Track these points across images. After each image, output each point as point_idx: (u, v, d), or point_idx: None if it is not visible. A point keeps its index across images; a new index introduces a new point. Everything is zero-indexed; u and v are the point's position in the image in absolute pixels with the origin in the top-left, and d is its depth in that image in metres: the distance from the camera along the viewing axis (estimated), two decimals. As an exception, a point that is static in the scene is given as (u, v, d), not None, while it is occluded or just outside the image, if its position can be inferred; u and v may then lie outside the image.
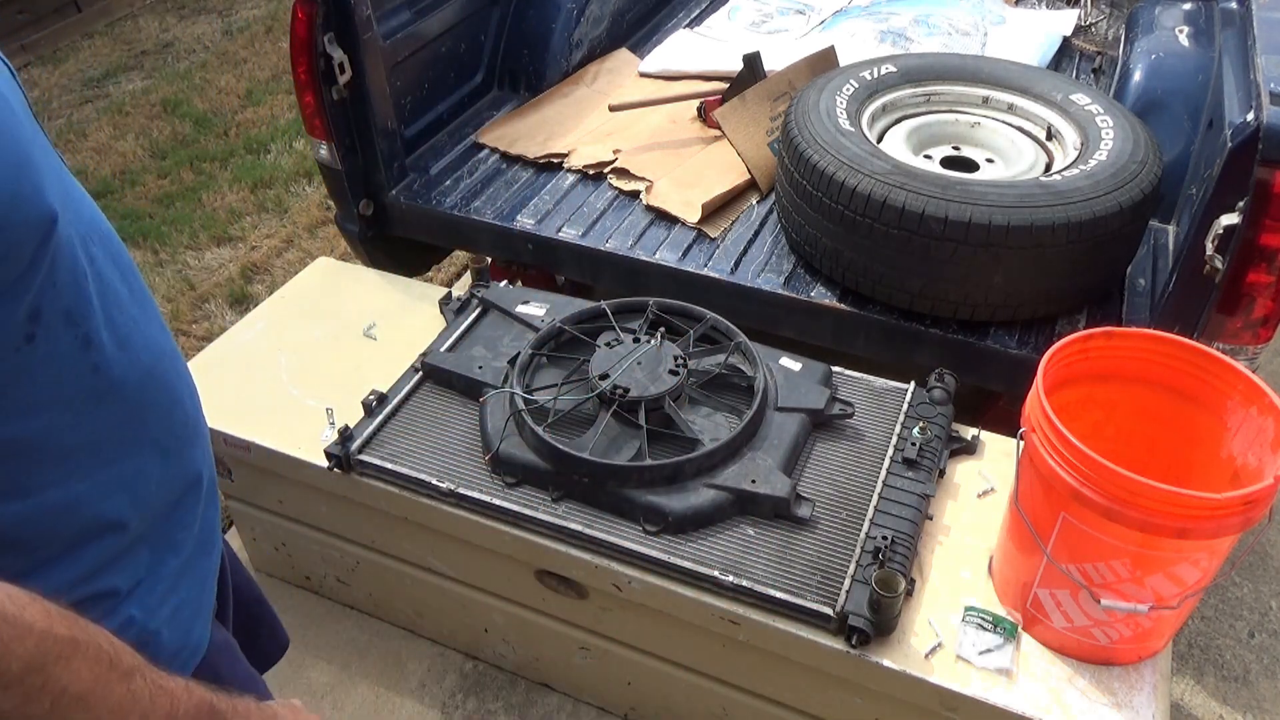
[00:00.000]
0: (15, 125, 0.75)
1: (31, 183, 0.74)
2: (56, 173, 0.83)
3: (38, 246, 0.75)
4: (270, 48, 5.12)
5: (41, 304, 0.77)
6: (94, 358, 0.85)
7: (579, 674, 1.98)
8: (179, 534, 1.03)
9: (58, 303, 0.79)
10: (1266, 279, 1.64)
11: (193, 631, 1.04)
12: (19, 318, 0.75)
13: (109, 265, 0.90)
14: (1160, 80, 2.30)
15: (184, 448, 1.03)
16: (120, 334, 0.89)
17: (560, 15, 2.90)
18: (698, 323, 1.94)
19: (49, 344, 0.79)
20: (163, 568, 1.00)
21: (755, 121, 2.47)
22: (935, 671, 1.49)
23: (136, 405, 0.92)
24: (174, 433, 1.00)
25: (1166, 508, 1.24)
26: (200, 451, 1.07)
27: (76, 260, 0.81)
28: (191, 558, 1.05)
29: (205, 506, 1.07)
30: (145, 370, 0.93)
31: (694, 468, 1.65)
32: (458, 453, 1.79)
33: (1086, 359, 1.50)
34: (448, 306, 2.15)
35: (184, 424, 1.02)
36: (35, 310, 0.77)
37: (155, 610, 0.97)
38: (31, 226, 0.74)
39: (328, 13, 2.20)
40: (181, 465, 1.02)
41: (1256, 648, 2.20)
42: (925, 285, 1.99)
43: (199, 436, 1.07)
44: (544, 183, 2.56)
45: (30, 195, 0.73)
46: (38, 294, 0.76)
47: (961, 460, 1.83)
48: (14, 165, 0.72)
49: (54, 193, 0.78)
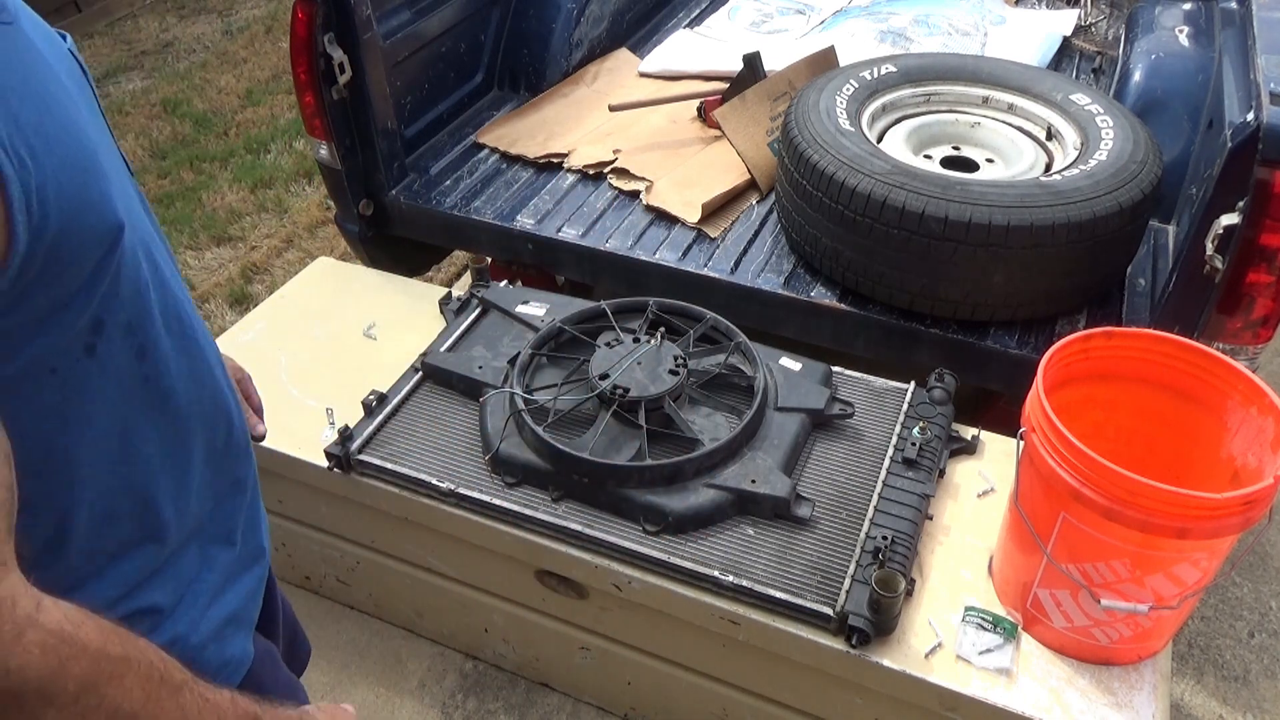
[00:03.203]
0: (83, 130, 0.73)
1: (99, 190, 0.72)
2: (121, 177, 0.81)
3: (103, 256, 0.73)
4: (270, 48, 5.12)
5: (104, 315, 0.76)
6: (147, 369, 0.83)
7: (579, 674, 1.98)
8: (221, 546, 1.01)
9: (119, 314, 0.78)
10: (1266, 279, 1.64)
11: (236, 645, 1.02)
12: (80, 329, 0.74)
13: (168, 271, 0.88)
14: (1160, 80, 2.30)
15: (229, 459, 1.01)
16: (174, 342, 0.87)
17: (560, 15, 2.90)
18: (698, 323, 1.94)
19: (107, 355, 0.77)
20: (204, 581, 0.98)
21: (755, 121, 2.47)
22: (935, 671, 1.49)
23: (184, 416, 0.91)
24: (218, 444, 0.98)
25: (1166, 508, 1.24)
26: (245, 462, 1.05)
27: (139, 269, 0.79)
28: (235, 570, 1.03)
29: (249, 516, 1.05)
30: (195, 379, 0.92)
31: (694, 468, 1.65)
32: (458, 453, 1.79)
33: (1086, 359, 1.50)
34: (448, 306, 2.15)
35: (229, 435, 1.00)
36: (97, 322, 0.75)
37: (198, 624, 0.95)
38: (98, 236, 0.72)
39: (328, 13, 2.20)
40: (225, 476, 1.00)
41: (1256, 648, 2.20)
42: (925, 285, 1.99)
43: (244, 447, 1.05)
44: (544, 183, 2.56)
45: (98, 203, 0.71)
46: (100, 305, 0.75)
47: (961, 460, 1.82)
48: (82, 171, 0.70)
49: (120, 200, 0.75)
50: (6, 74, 0.66)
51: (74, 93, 0.76)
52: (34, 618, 0.63)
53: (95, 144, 0.74)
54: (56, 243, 0.67)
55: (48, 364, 0.72)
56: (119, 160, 0.84)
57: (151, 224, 0.90)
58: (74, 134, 0.70)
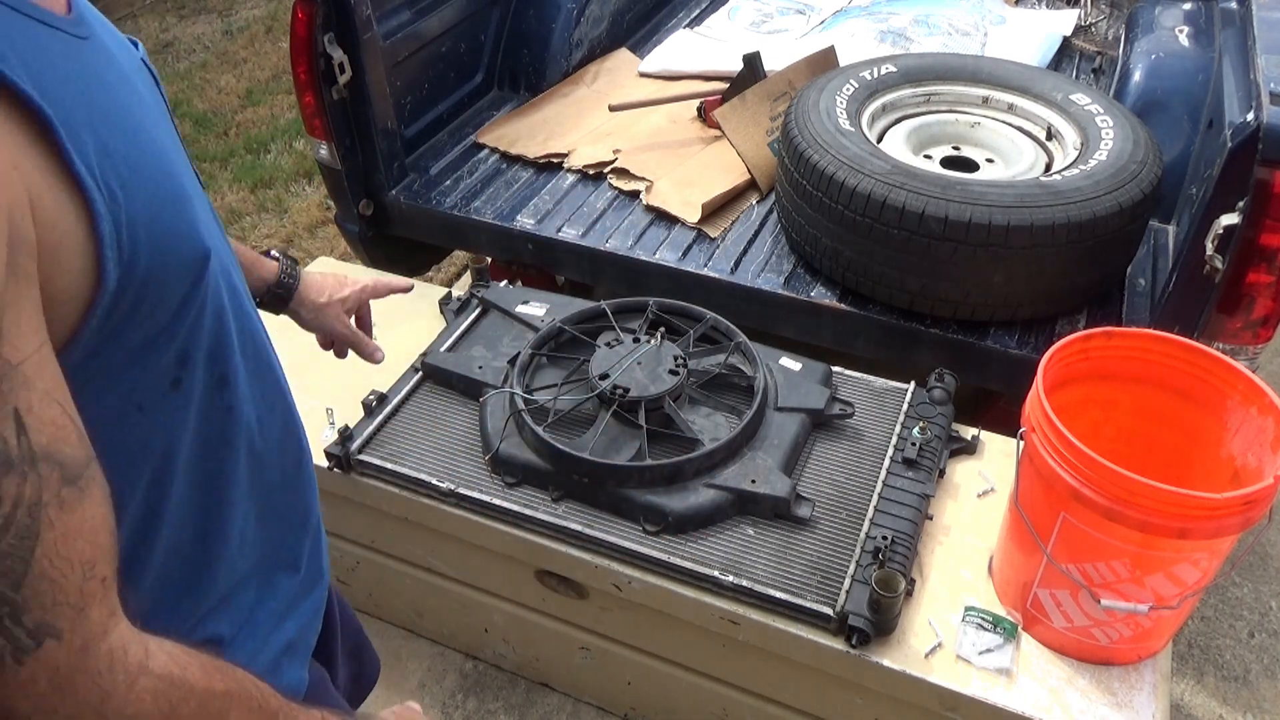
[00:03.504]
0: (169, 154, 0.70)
1: (188, 218, 0.70)
2: (201, 199, 0.78)
3: (190, 287, 0.71)
4: (270, 48, 5.12)
5: (190, 348, 0.74)
6: (229, 398, 0.82)
7: (579, 674, 1.98)
8: (285, 573, 1.00)
9: (203, 344, 0.76)
10: (1266, 279, 1.64)
11: (293, 673, 1.01)
12: (166, 364, 0.72)
13: (243, 292, 0.86)
14: (1160, 80, 2.30)
15: (299, 484, 1.00)
16: (250, 367, 0.86)
17: (560, 15, 2.90)
18: (698, 323, 1.93)
19: (191, 389, 0.76)
20: (266, 609, 0.97)
21: (755, 121, 2.47)
22: (935, 671, 1.49)
23: (260, 445, 0.89)
24: (289, 470, 0.97)
25: (1166, 508, 1.24)
26: (310, 488, 1.04)
27: (221, 295, 0.78)
28: (296, 596, 1.02)
29: (312, 543, 1.04)
30: (269, 405, 0.90)
31: (694, 468, 1.65)
32: (458, 453, 1.79)
33: (1086, 359, 1.50)
34: (448, 306, 2.15)
35: (299, 460, 0.99)
36: (184, 355, 0.73)
37: (258, 655, 0.94)
38: (187, 267, 0.70)
39: (328, 13, 2.20)
40: (297, 503, 1.00)
41: (1256, 648, 2.20)
42: (925, 285, 1.99)
43: (309, 473, 1.03)
44: (544, 183, 2.56)
45: (187, 233, 0.69)
46: (187, 338, 0.73)
47: (961, 460, 1.82)
48: (172, 200, 0.68)
49: (206, 227, 0.73)
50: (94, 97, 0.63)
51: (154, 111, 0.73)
52: (145, 664, 0.63)
53: (180, 167, 0.72)
54: (147, 278, 0.65)
55: (135, 400, 0.71)
56: (195, 179, 0.81)
57: (225, 243, 0.86)
58: (161, 159, 0.68)
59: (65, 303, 0.60)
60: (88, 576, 0.61)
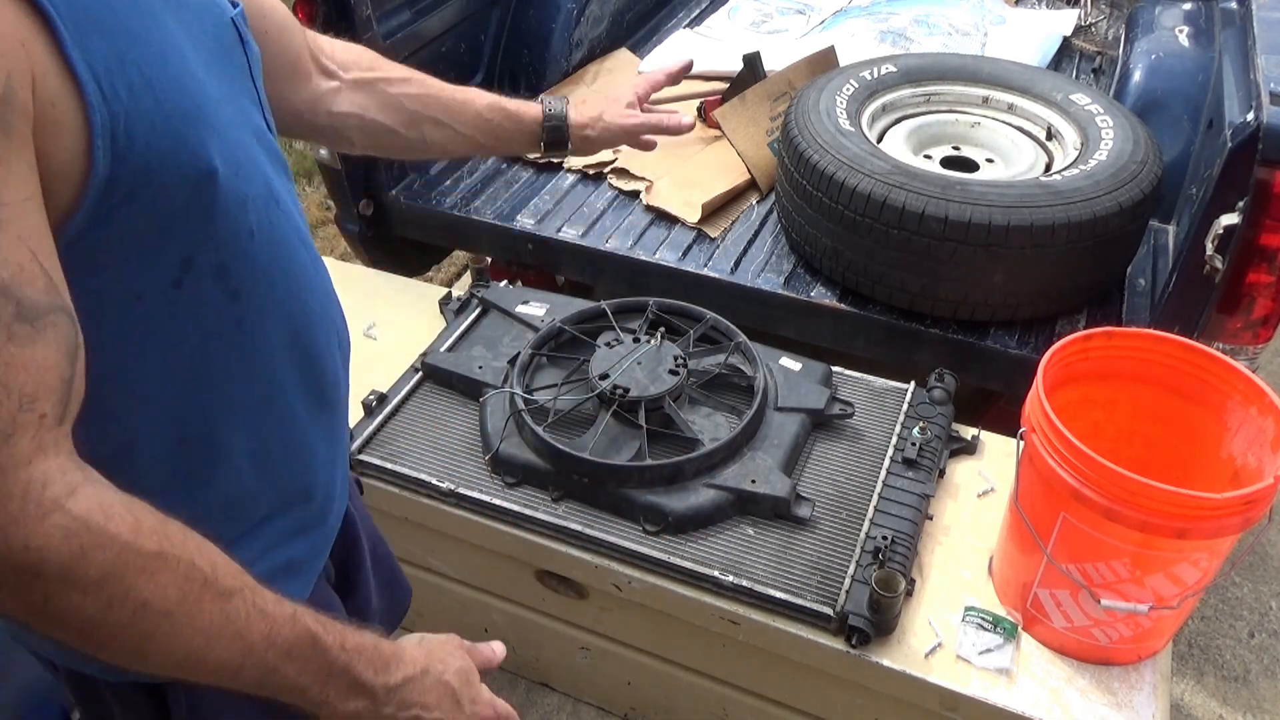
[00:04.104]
0: (194, 83, 0.78)
1: (196, 136, 0.77)
2: (238, 133, 0.85)
3: (191, 198, 0.78)
4: (270, 48, 5.11)
5: (194, 255, 0.80)
6: (239, 313, 0.87)
7: (579, 674, 1.98)
8: (297, 499, 1.03)
9: (211, 255, 0.82)
10: (1266, 279, 1.64)
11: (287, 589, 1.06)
12: (168, 263, 0.79)
13: (288, 232, 0.92)
14: (1160, 80, 2.30)
15: (324, 414, 1.03)
16: (277, 296, 0.91)
17: (560, 15, 2.90)
18: (698, 323, 1.93)
19: (194, 293, 0.82)
20: (272, 526, 1.00)
21: (755, 121, 2.47)
22: (935, 671, 1.49)
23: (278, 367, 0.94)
24: (311, 403, 1.01)
25: (1166, 508, 1.24)
26: (337, 423, 1.08)
27: (242, 219, 0.84)
28: (306, 523, 1.05)
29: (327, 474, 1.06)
30: (293, 335, 0.95)
31: (694, 468, 1.65)
32: (458, 453, 1.79)
33: (1086, 359, 1.50)
34: (448, 306, 2.15)
35: (322, 398, 1.02)
36: (187, 260, 0.80)
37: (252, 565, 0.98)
38: (187, 179, 0.77)
39: (328, 13, 2.20)
40: (314, 433, 1.03)
41: (1256, 648, 2.20)
42: (925, 285, 1.99)
43: (340, 409, 1.08)
44: (544, 183, 2.56)
45: (193, 148, 0.77)
46: (190, 245, 0.80)
47: (961, 460, 1.82)
48: (178, 117, 0.75)
49: (221, 151, 0.80)
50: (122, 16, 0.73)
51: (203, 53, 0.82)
52: (61, 503, 0.66)
53: (206, 98, 0.79)
54: (142, 176, 0.73)
55: (134, 289, 0.78)
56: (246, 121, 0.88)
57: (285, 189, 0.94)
58: (183, 81, 0.77)
59: (62, 177, 0.69)
60: (24, 408, 0.65)
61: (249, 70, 0.92)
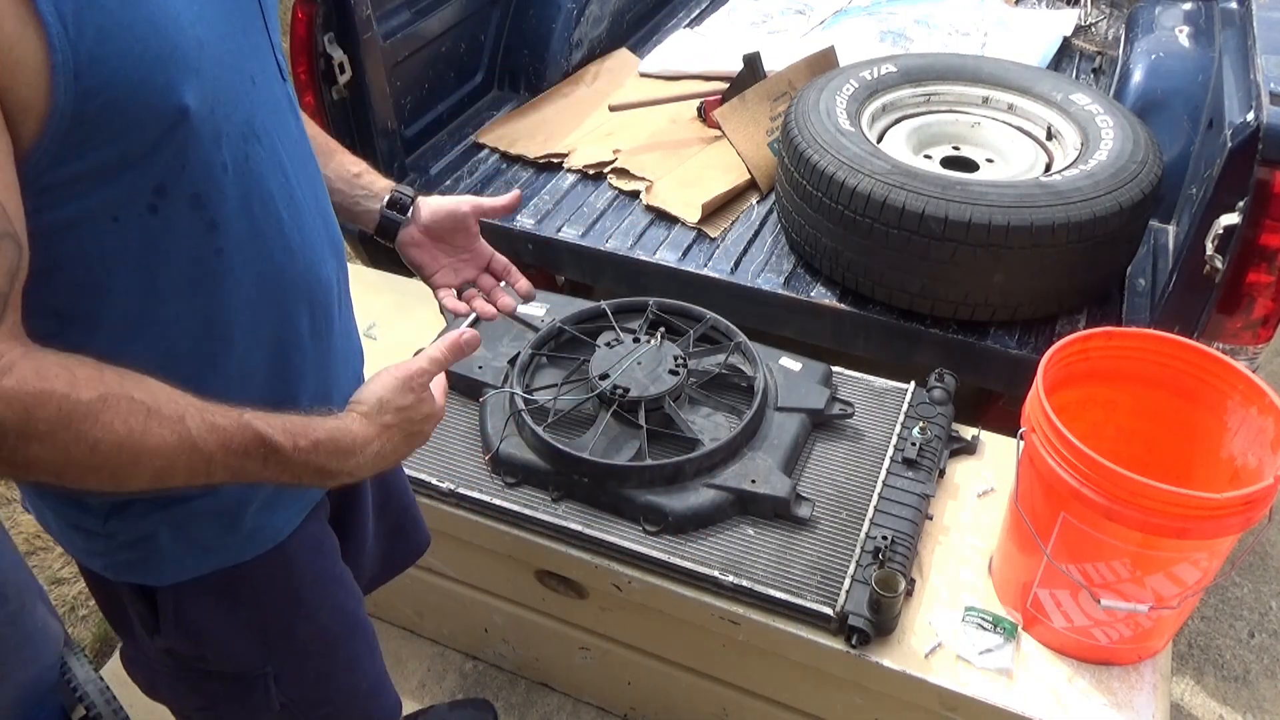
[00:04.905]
0: (174, 28, 0.80)
1: (165, 76, 0.79)
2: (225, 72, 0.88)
3: (163, 133, 0.81)
4: (270, 48, 5.11)
5: (167, 182, 0.84)
6: (219, 241, 0.91)
7: (579, 674, 1.98)
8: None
9: (185, 186, 0.86)
10: (1266, 279, 1.64)
11: (278, 517, 1.11)
12: (142, 189, 0.83)
13: (269, 168, 0.95)
14: (1160, 80, 2.30)
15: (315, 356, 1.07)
16: (255, 227, 0.94)
17: (560, 15, 2.90)
18: (698, 323, 1.94)
19: (170, 218, 0.86)
20: None
21: (755, 121, 2.47)
22: (935, 671, 1.49)
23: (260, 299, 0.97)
24: (299, 338, 1.04)
25: (1166, 508, 1.24)
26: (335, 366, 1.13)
27: (216, 153, 0.87)
28: None
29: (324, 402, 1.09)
30: (278, 267, 0.98)
31: (694, 468, 1.65)
32: (458, 453, 1.79)
33: (1086, 359, 1.50)
34: (448, 306, 2.15)
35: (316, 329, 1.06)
36: (161, 186, 0.84)
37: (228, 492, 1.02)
38: (156, 114, 0.80)
39: (328, 13, 2.20)
40: (302, 370, 1.06)
41: (1256, 648, 2.20)
42: (925, 285, 1.99)
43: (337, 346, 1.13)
44: (544, 183, 2.56)
45: (160, 87, 0.79)
46: (163, 173, 0.83)
47: (961, 460, 1.83)
48: (148, 59, 0.77)
49: (198, 89, 0.83)
50: None
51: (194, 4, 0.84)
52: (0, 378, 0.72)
53: (185, 39, 0.81)
54: (108, 111, 0.76)
55: (110, 212, 0.82)
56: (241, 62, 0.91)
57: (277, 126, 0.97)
58: (160, 25, 0.79)
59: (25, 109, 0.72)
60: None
61: (260, 11, 0.95)
